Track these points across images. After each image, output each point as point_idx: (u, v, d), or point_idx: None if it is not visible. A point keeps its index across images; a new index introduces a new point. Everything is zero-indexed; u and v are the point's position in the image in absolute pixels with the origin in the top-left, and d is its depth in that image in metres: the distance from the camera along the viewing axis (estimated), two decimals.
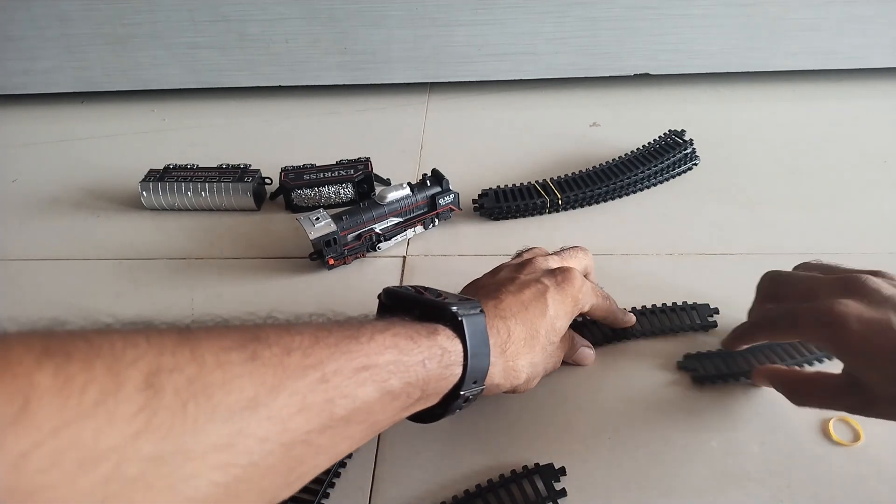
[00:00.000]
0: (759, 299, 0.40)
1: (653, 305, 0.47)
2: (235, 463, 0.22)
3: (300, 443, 0.25)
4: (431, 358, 0.31)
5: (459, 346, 0.32)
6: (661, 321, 0.46)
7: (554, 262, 0.41)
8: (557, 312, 0.38)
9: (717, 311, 0.47)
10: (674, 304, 0.47)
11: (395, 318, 0.33)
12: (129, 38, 0.76)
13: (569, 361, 0.43)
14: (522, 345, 0.36)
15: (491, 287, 0.39)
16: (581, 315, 0.42)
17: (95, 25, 0.75)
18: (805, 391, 0.36)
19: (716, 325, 0.46)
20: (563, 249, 0.44)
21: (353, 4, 0.73)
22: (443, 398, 0.33)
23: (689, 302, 0.47)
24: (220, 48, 0.77)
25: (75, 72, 0.79)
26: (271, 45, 0.77)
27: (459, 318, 0.32)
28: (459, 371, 0.32)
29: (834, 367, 0.40)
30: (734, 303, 0.48)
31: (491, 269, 0.43)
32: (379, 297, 0.36)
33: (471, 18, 0.74)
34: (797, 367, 0.41)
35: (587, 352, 0.43)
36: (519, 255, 0.44)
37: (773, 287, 0.39)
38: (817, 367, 0.42)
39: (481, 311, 0.34)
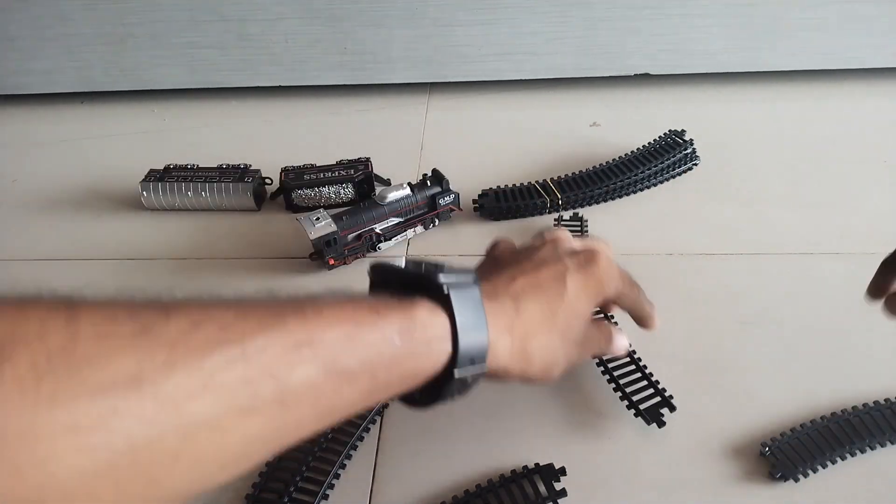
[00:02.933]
0: None
1: None
2: (107, 446, 0.20)
3: (207, 427, 0.22)
4: (403, 333, 0.27)
5: (444, 320, 0.29)
6: None
7: (577, 245, 0.38)
8: (577, 295, 0.34)
9: None
10: None
11: (366, 295, 0.29)
12: (129, 38, 0.76)
13: (606, 353, 0.39)
14: (535, 325, 0.32)
15: (507, 264, 0.36)
16: (602, 310, 0.40)
17: (95, 25, 0.75)
18: None
19: None
20: (582, 238, 0.41)
21: (353, 4, 0.74)
22: (435, 380, 0.29)
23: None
24: (220, 48, 0.77)
25: (75, 72, 0.79)
26: (271, 45, 0.77)
27: (445, 290, 0.29)
28: (448, 347, 0.29)
29: None
30: (735, 303, 0.48)
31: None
32: (368, 273, 0.33)
33: (471, 18, 0.74)
34: None
35: (622, 341, 0.39)
36: (541, 235, 0.41)
37: None
38: None
39: (475, 281, 0.31)
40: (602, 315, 0.45)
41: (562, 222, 0.56)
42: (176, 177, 0.62)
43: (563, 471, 0.37)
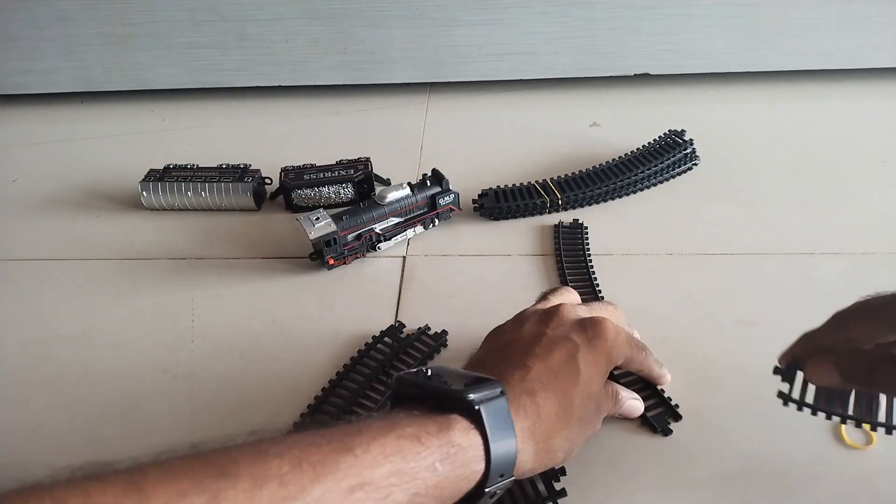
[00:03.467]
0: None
1: None
2: None
3: None
4: (444, 459, 0.28)
5: (478, 440, 0.30)
6: None
7: (583, 312, 0.38)
8: (591, 376, 0.35)
9: None
10: None
11: (402, 412, 0.30)
12: (129, 38, 0.76)
13: (614, 416, 0.39)
14: (555, 421, 0.33)
15: (518, 347, 0.36)
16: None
17: (95, 25, 0.75)
18: None
19: None
20: (590, 303, 0.42)
21: (353, 4, 0.74)
22: (466, 495, 0.30)
23: None
24: (220, 48, 0.77)
25: (75, 72, 0.79)
26: (271, 45, 0.77)
27: (476, 408, 0.30)
28: (482, 466, 0.30)
29: None
30: (735, 303, 0.48)
31: (515, 315, 0.40)
32: (390, 384, 0.34)
33: (471, 18, 0.74)
34: None
35: (634, 404, 0.39)
36: (544, 296, 0.41)
37: None
38: None
39: (502, 392, 0.31)
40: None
41: (562, 228, 0.56)
42: (176, 177, 0.62)
43: (563, 471, 0.37)
